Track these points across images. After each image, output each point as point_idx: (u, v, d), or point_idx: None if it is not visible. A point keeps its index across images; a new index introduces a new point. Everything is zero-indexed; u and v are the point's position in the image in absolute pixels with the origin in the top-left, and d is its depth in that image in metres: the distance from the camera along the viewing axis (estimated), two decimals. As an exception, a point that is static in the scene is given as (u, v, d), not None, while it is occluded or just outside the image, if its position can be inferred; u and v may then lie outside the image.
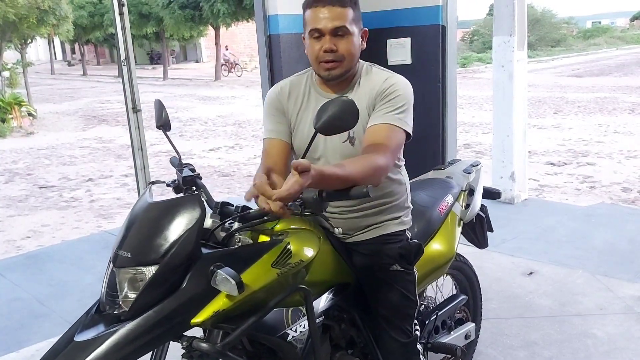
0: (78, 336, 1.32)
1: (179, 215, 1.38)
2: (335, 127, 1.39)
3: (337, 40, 1.62)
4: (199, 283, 1.36)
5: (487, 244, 2.54)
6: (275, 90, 1.80)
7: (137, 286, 1.34)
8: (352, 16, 1.63)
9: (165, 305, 1.33)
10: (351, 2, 1.63)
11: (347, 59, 1.64)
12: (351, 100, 1.38)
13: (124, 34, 3.81)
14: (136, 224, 1.42)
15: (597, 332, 2.90)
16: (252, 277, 1.41)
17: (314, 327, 1.58)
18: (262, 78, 3.45)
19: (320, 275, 1.65)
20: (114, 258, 1.39)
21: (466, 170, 2.44)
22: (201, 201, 1.43)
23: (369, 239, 1.84)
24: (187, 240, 1.36)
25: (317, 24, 1.61)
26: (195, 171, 1.81)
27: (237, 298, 1.36)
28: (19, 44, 14.68)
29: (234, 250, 1.47)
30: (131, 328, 1.30)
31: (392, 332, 1.82)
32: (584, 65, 24.27)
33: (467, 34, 37.18)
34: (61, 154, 9.42)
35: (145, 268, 1.34)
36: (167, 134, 1.81)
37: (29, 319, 3.34)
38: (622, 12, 69.96)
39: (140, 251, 1.36)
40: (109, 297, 1.37)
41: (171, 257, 1.34)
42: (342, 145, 1.70)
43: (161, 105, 1.82)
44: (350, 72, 1.70)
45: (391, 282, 1.81)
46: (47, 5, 13.14)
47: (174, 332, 1.37)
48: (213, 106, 15.37)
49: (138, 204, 1.48)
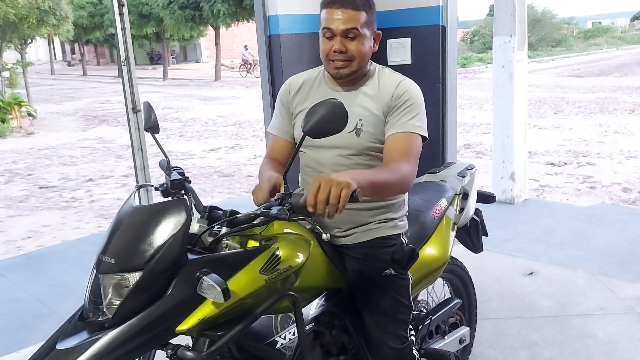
0: (60, 344, 1.28)
1: (164, 220, 1.35)
2: (324, 130, 1.39)
3: (347, 41, 1.66)
4: (184, 290, 1.33)
5: (481, 249, 2.51)
6: (285, 85, 1.86)
7: (122, 293, 1.30)
8: (365, 19, 1.67)
9: (150, 312, 1.30)
10: (365, 6, 1.67)
11: (357, 60, 1.69)
12: (340, 103, 1.38)
13: (124, 34, 3.81)
14: (120, 229, 1.38)
15: (598, 333, 2.90)
16: (239, 284, 1.38)
17: (303, 334, 1.54)
18: (262, 78, 3.44)
19: (310, 280, 1.61)
20: (97, 264, 1.35)
21: (460, 174, 2.41)
22: (187, 206, 1.39)
23: (363, 241, 1.80)
24: (172, 245, 1.33)
25: (330, 24, 1.66)
26: (184, 174, 1.79)
27: (223, 305, 1.33)
28: (19, 44, 14.67)
29: (221, 256, 1.43)
30: (115, 335, 1.26)
31: (386, 338, 1.78)
32: (585, 65, 24.26)
33: (468, 34, 37.17)
34: (61, 154, 9.42)
35: (129, 274, 1.30)
36: (155, 136, 1.79)
37: (30, 319, 3.34)
38: (622, 12, 70.00)
39: (124, 257, 1.32)
40: (93, 304, 1.33)
41: (156, 263, 1.31)
42: (348, 135, 1.69)
43: (150, 107, 1.80)
44: (360, 72, 1.73)
45: (384, 287, 1.78)
46: (48, 5, 13.14)
47: (158, 340, 1.34)
48: (213, 106, 15.37)
49: (123, 208, 1.44)
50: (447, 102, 3.38)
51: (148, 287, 1.31)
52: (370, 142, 1.72)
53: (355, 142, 1.72)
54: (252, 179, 7.12)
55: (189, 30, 23.59)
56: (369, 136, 1.71)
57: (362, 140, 1.71)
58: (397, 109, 1.69)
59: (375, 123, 1.71)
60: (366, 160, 1.74)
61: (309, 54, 3.28)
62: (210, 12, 20.51)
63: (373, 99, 1.72)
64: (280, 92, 1.86)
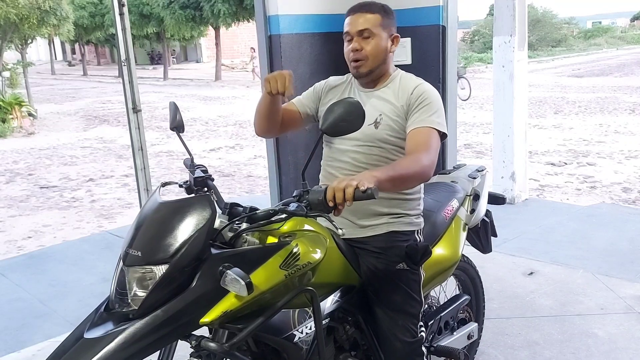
0: (87, 333, 1.33)
1: (189, 215, 1.40)
2: (341, 129, 1.44)
3: (362, 41, 1.80)
4: (208, 283, 1.37)
5: (490, 249, 2.55)
6: (328, 80, 2.00)
7: (147, 285, 1.35)
8: (380, 21, 1.80)
9: (174, 304, 1.35)
10: (380, 10, 1.82)
11: (371, 58, 1.80)
12: (357, 102, 1.43)
13: (124, 34, 3.81)
14: (146, 223, 1.43)
15: (598, 332, 2.90)
16: (261, 278, 1.42)
17: (320, 329, 1.59)
18: (263, 78, 3.44)
19: (326, 277, 1.65)
20: (124, 256, 1.40)
21: (471, 175, 2.45)
22: (211, 201, 1.44)
23: (379, 234, 1.85)
24: (197, 240, 1.37)
25: (348, 28, 1.82)
26: (207, 172, 1.84)
27: (245, 298, 1.37)
28: (20, 44, 14.68)
29: (243, 251, 1.48)
30: (140, 326, 1.31)
31: (396, 330, 1.83)
32: (585, 65, 24.26)
33: (468, 34, 37.17)
34: (62, 154, 9.43)
35: (155, 267, 1.35)
36: (180, 135, 1.85)
37: (30, 319, 3.34)
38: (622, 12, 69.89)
39: (150, 250, 1.37)
40: (118, 295, 1.38)
41: (181, 256, 1.35)
42: (367, 127, 1.76)
43: (176, 107, 1.87)
44: (379, 71, 1.84)
45: (397, 281, 1.83)
46: (48, 5, 13.14)
47: (182, 331, 1.38)
48: (214, 106, 15.38)
49: (148, 204, 1.49)
50: (447, 102, 3.38)
51: (173, 279, 1.35)
52: (388, 135, 1.80)
53: (373, 133, 1.80)
54: (252, 179, 7.13)
55: (189, 30, 23.58)
56: (388, 129, 1.80)
57: (381, 132, 1.80)
58: (416, 108, 1.78)
59: (394, 119, 1.80)
60: (383, 152, 1.82)
61: (310, 54, 3.28)
62: (210, 12, 20.51)
63: (393, 97, 1.82)
64: (321, 82, 2.00)
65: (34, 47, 32.77)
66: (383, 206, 1.85)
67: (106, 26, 25.75)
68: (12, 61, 16.61)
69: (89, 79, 28.30)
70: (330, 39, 3.11)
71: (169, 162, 8.48)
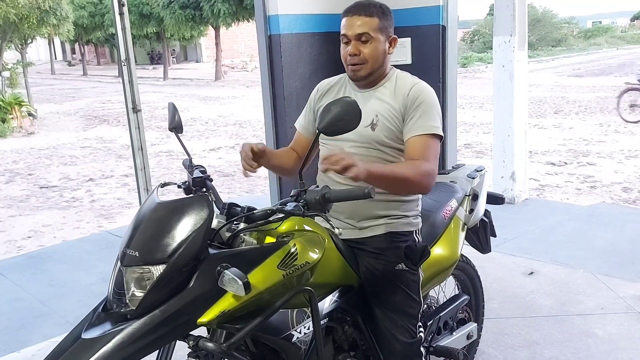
0: (85, 334, 1.33)
1: (186, 215, 1.40)
2: (337, 128, 1.44)
3: (361, 45, 1.77)
4: (205, 283, 1.37)
5: (490, 249, 2.55)
6: (317, 87, 1.99)
7: (144, 285, 1.35)
8: (378, 25, 1.77)
9: (172, 304, 1.34)
10: (378, 13, 1.78)
11: (370, 62, 1.79)
12: (353, 101, 1.42)
13: (124, 34, 3.81)
14: (144, 224, 1.43)
15: (598, 332, 2.90)
16: (258, 278, 1.41)
17: (318, 329, 1.59)
18: (262, 78, 3.44)
19: (324, 277, 1.65)
20: (121, 256, 1.40)
21: (470, 175, 2.45)
22: (209, 202, 1.44)
23: (377, 235, 1.85)
24: (194, 240, 1.37)
25: (346, 31, 1.79)
26: (205, 173, 1.84)
27: (243, 298, 1.37)
28: (20, 44, 14.68)
29: (241, 251, 1.48)
30: (138, 326, 1.31)
31: (395, 331, 1.83)
32: (585, 65, 24.26)
33: (468, 33, 37.17)
34: (62, 154, 9.42)
35: (152, 267, 1.35)
36: (179, 136, 1.84)
37: (30, 319, 3.34)
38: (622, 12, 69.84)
39: (148, 250, 1.37)
40: (116, 296, 1.38)
41: (179, 256, 1.35)
42: (364, 128, 1.76)
43: (174, 108, 1.86)
44: (376, 73, 1.83)
45: (395, 281, 1.83)
46: (48, 5, 13.15)
47: (180, 331, 1.38)
48: (214, 106, 15.38)
49: (146, 204, 1.49)
50: (447, 101, 3.39)
51: (170, 279, 1.35)
52: (385, 137, 1.79)
53: (370, 134, 1.79)
54: (252, 179, 7.12)
55: (189, 30, 23.58)
56: (385, 130, 1.79)
57: (377, 134, 1.79)
58: (412, 111, 1.77)
59: (391, 120, 1.79)
60: (379, 154, 1.81)
61: (309, 54, 3.28)
62: (210, 12, 20.51)
63: (390, 97, 1.81)
64: (313, 93, 1.99)
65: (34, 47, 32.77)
66: (381, 208, 1.84)
67: (106, 26, 25.75)
68: (12, 61, 16.62)
69: (89, 78, 28.30)
70: (330, 39, 3.11)
71: (168, 162, 8.48)
